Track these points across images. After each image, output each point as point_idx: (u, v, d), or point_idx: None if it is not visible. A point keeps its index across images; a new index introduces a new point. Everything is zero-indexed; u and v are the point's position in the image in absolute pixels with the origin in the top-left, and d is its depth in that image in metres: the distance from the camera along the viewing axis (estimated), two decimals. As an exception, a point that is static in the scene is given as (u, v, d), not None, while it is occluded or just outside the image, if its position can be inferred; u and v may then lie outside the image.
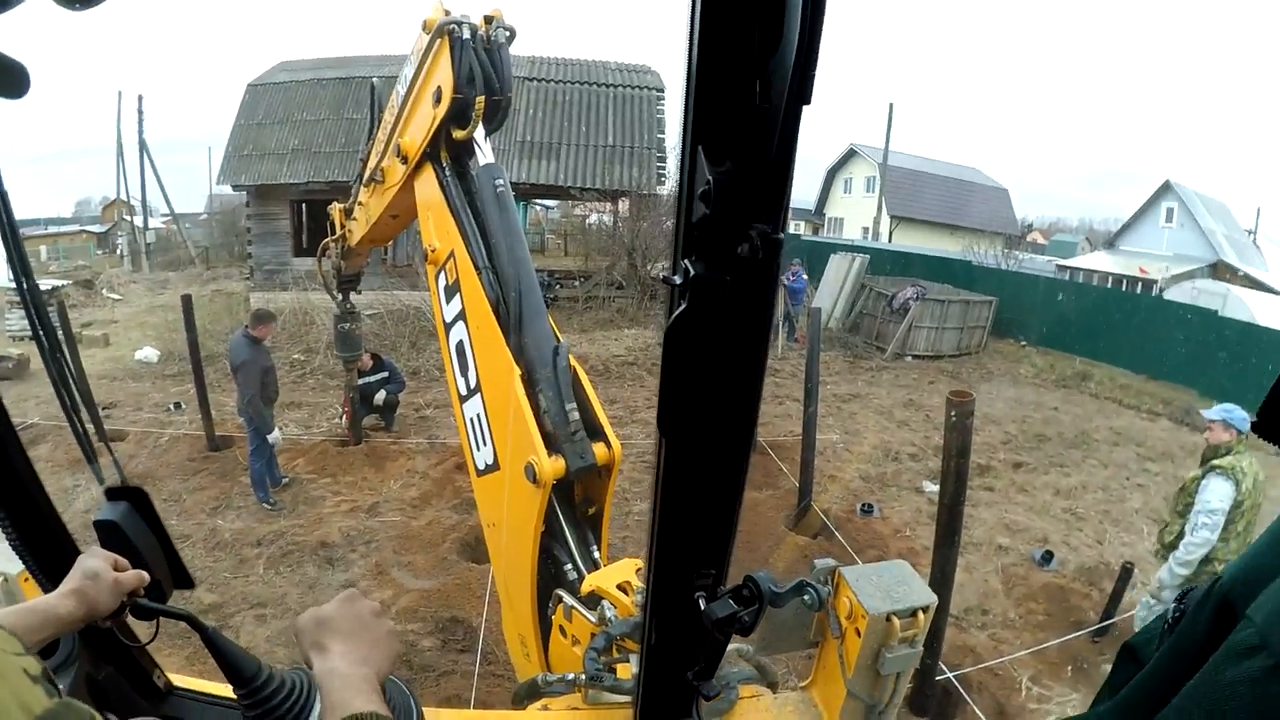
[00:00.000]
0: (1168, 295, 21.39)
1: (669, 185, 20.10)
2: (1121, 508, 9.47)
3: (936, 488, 9.00)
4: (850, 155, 45.39)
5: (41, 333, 1.39)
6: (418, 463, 9.97)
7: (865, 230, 40.71)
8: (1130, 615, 6.54)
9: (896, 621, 1.67)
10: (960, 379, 15.84)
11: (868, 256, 20.20)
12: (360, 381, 10.07)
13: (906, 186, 40.73)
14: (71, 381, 1.38)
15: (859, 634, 1.69)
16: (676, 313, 0.73)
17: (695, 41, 0.64)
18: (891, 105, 40.03)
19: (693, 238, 0.70)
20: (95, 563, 1.36)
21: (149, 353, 16.49)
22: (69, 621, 1.30)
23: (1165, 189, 33.33)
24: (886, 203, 39.19)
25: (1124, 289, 24.82)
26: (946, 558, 5.13)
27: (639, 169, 18.86)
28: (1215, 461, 5.39)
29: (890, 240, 38.16)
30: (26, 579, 2.17)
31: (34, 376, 14.32)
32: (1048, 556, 7.85)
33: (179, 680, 1.75)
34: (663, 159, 19.20)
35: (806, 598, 1.43)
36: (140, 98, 39.90)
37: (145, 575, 1.42)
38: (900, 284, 18.82)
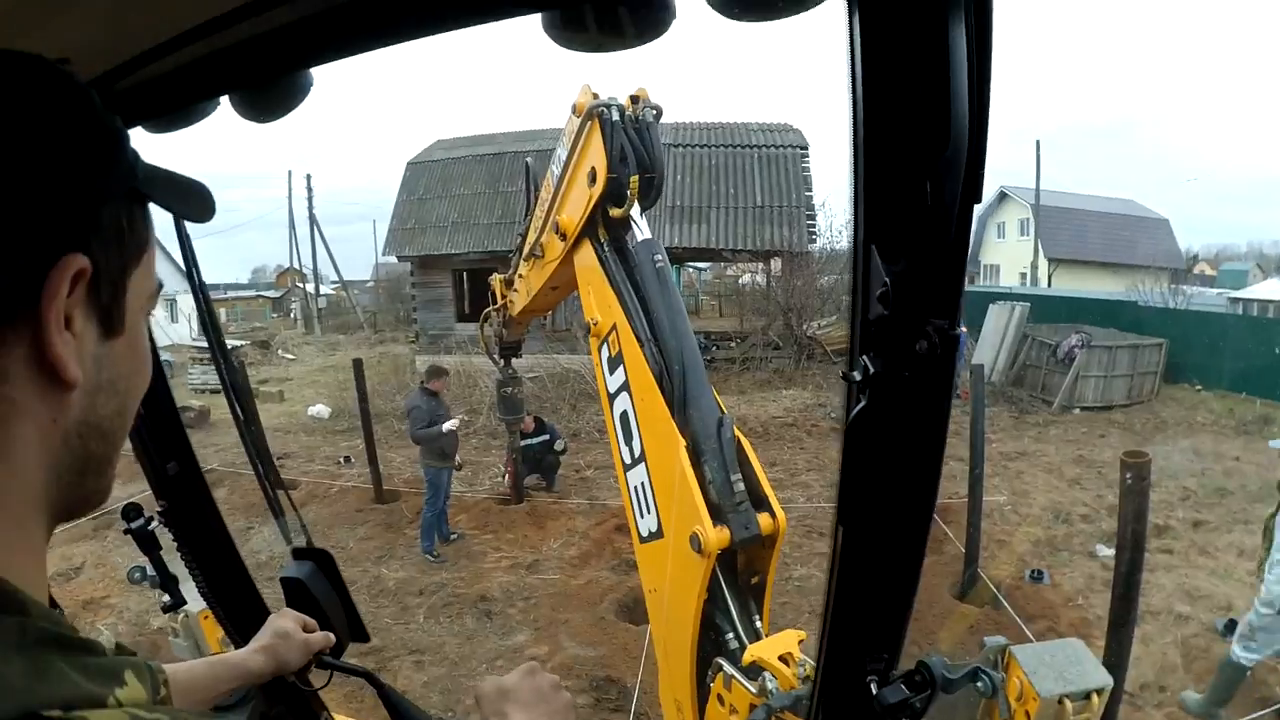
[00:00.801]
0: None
1: (819, 243, 19.99)
2: (1312, 568, 8.54)
3: (1111, 551, 8.44)
4: (1001, 198, 43.74)
5: (238, 406, 1.52)
6: (578, 523, 10.15)
7: (1023, 275, 39.10)
8: None
9: (1069, 704, 1.59)
10: (1133, 431, 14.80)
11: (1028, 305, 19.26)
12: (523, 443, 10.38)
13: (1062, 226, 38.97)
14: (258, 446, 1.51)
15: (1029, 716, 1.61)
16: (856, 409, 0.75)
17: (861, 142, 0.67)
18: (1039, 143, 38.43)
19: (870, 334, 0.72)
20: (286, 623, 1.48)
21: (321, 409, 17.58)
22: (258, 675, 1.42)
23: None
24: (1042, 245, 37.58)
25: (1304, 318, 22.59)
26: (1122, 636, 4.76)
27: (789, 228, 18.89)
28: None
29: (1050, 284, 36.42)
30: (206, 616, 2.35)
31: (213, 426, 15.57)
32: (1231, 625, 7.10)
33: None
34: (812, 217, 19.18)
35: (980, 684, 1.38)
36: (309, 176, 43.17)
37: (331, 637, 1.52)
38: (1064, 331, 17.87)
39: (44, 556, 0.63)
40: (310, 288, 43.49)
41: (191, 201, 0.77)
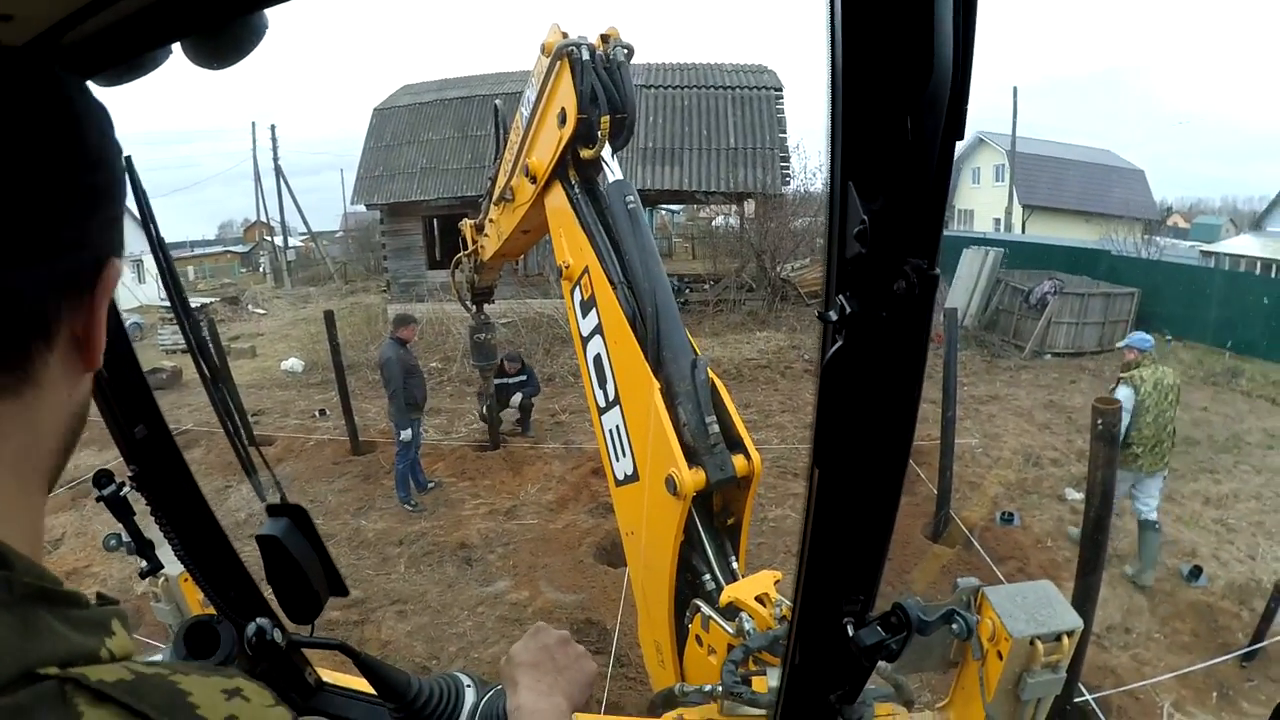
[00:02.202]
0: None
1: (793, 185, 19.92)
2: (1276, 519, 8.76)
3: (1080, 495, 8.66)
4: (977, 144, 43.65)
5: (203, 362, 1.49)
6: (554, 468, 10.22)
7: (997, 222, 39.24)
8: None
9: (1040, 645, 1.61)
10: (1103, 377, 14.98)
11: (1002, 250, 19.33)
12: (497, 381, 10.34)
13: (1037, 173, 39.08)
14: (231, 403, 1.48)
15: (1000, 657, 1.64)
16: (833, 350, 0.73)
17: (840, 74, 0.64)
18: (1016, 89, 38.21)
19: (846, 274, 0.70)
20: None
21: (294, 363, 17.45)
22: None
23: (1316, 160, 30.86)
24: (1017, 192, 37.71)
25: (1274, 274, 22.95)
26: (1090, 582, 4.87)
27: (762, 170, 18.74)
28: (1122, 374, 7.69)
29: (1023, 231, 36.62)
30: (186, 579, 2.34)
31: (185, 387, 15.45)
32: (1196, 572, 7.35)
33: (328, 676, 1.86)
34: (785, 159, 19.04)
35: (955, 626, 1.39)
36: (273, 126, 42.32)
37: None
38: (1037, 278, 17.98)
39: (42, 521, 0.65)
40: (279, 241, 42.76)
41: None
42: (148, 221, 1.29)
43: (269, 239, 44.55)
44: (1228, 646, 6.31)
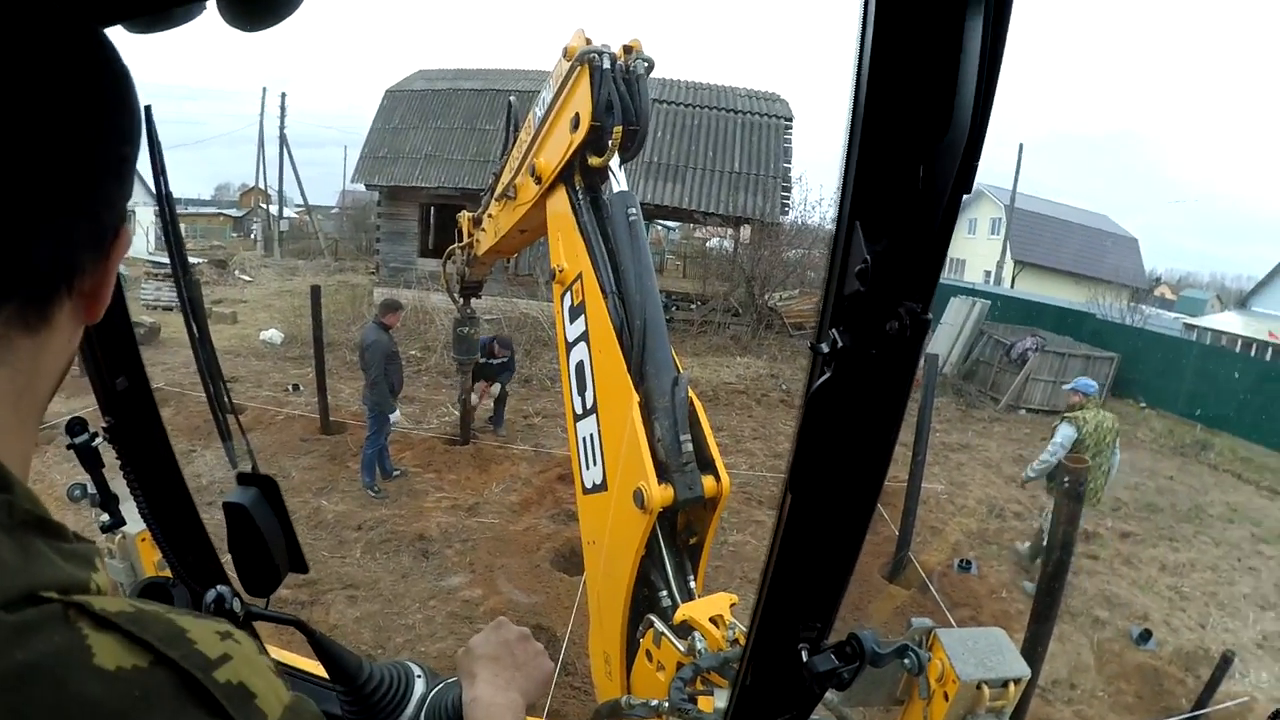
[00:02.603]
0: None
1: (792, 215, 20.06)
2: (1229, 591, 8.94)
3: (1024, 547, 8.78)
4: (978, 196, 44.02)
5: (194, 324, 1.48)
6: (521, 469, 10.18)
7: (988, 274, 39.61)
8: (1224, 707, 6.31)
9: (987, 690, 1.65)
10: (1074, 437, 15.19)
11: (989, 302, 19.53)
12: (483, 360, 10.26)
13: (1033, 231, 39.49)
14: (214, 369, 1.48)
15: (947, 698, 1.67)
16: (820, 380, 0.75)
17: (860, 116, 0.66)
18: (1021, 146, 38.65)
19: (843, 308, 0.72)
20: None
21: (274, 334, 17.31)
22: None
23: (1303, 246, 31.37)
24: (1011, 246, 38.05)
25: (1253, 354, 23.28)
26: (1041, 631, 4.92)
27: (763, 197, 18.85)
28: (1065, 415, 8.35)
29: (1013, 285, 36.94)
30: (144, 539, 2.32)
31: (164, 344, 15.29)
32: (1145, 635, 7.45)
33: (275, 654, 1.85)
34: (787, 188, 19.17)
35: (907, 661, 1.42)
36: (284, 94, 41.95)
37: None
38: (1020, 333, 18.16)
39: (32, 449, 0.68)
40: (274, 209, 42.50)
41: None
42: (158, 175, 1.29)
43: (264, 206, 44.19)
44: (1170, 711, 6.41)
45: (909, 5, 0.63)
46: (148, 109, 1.14)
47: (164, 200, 1.32)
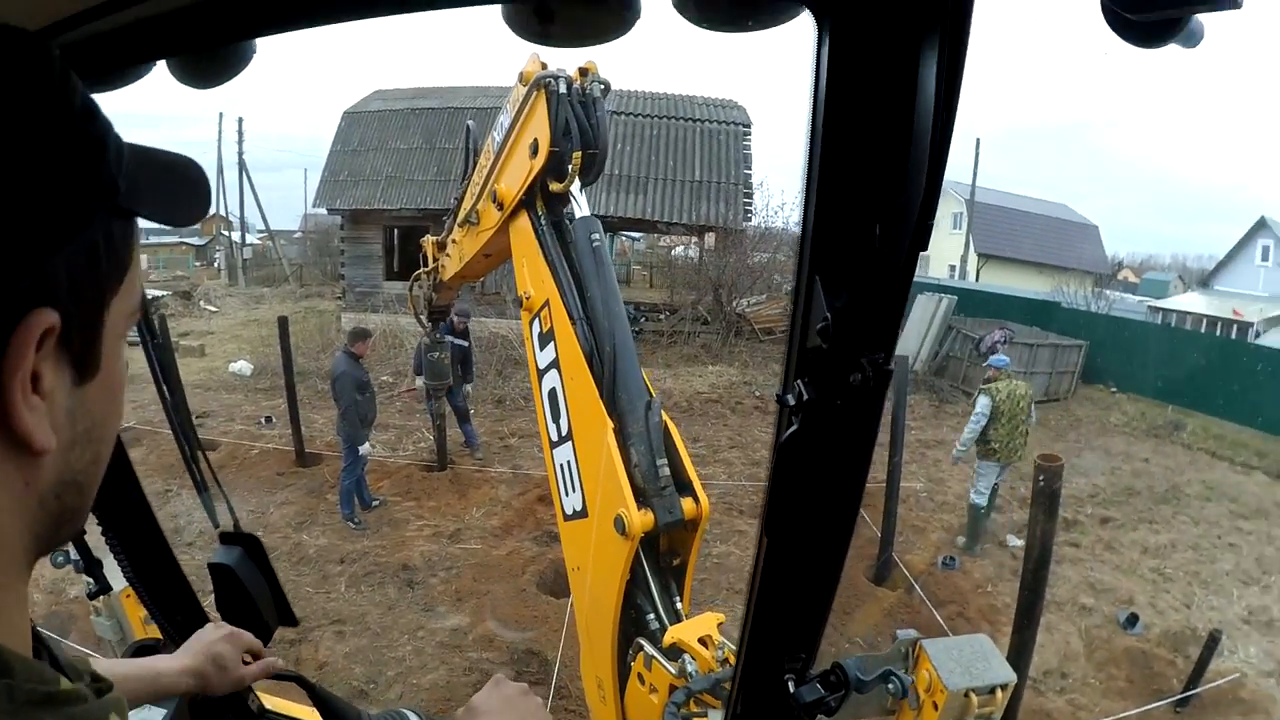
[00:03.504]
0: (1264, 340, 20.45)
1: (754, 221, 20.13)
2: (1211, 569, 9.08)
3: (1020, 542, 8.83)
4: (936, 191, 44.45)
5: (159, 371, 1.47)
6: (501, 492, 10.12)
7: (952, 269, 39.92)
8: (1215, 685, 6.39)
9: (974, 698, 1.66)
10: (1048, 427, 15.32)
11: (955, 298, 19.66)
12: (448, 337, 9.85)
13: (994, 223, 39.94)
14: (189, 430, 1.47)
15: (936, 708, 1.69)
16: (789, 432, 0.76)
17: (816, 174, 0.67)
18: (979, 140, 39.11)
19: (806, 361, 0.73)
20: (225, 648, 1.42)
21: (243, 366, 17.07)
22: (179, 693, 1.37)
23: (1261, 225, 32.09)
24: (974, 240, 38.43)
25: (1218, 332, 23.77)
26: (1026, 635, 4.97)
27: (725, 204, 18.92)
28: (982, 386, 9.21)
29: (978, 279, 37.33)
30: (129, 595, 2.29)
31: (131, 381, 14.92)
32: (1133, 619, 7.54)
33: (269, 702, 1.83)
34: (749, 194, 19.25)
35: (891, 686, 1.44)
36: (240, 120, 41.59)
37: (273, 664, 1.50)
38: (988, 326, 18.32)
39: (27, 609, 0.59)
40: (236, 237, 42.08)
41: (180, 200, 0.69)
42: None
43: (226, 234, 43.75)
44: (1162, 693, 6.48)
45: (860, 56, 0.64)
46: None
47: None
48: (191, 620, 1.68)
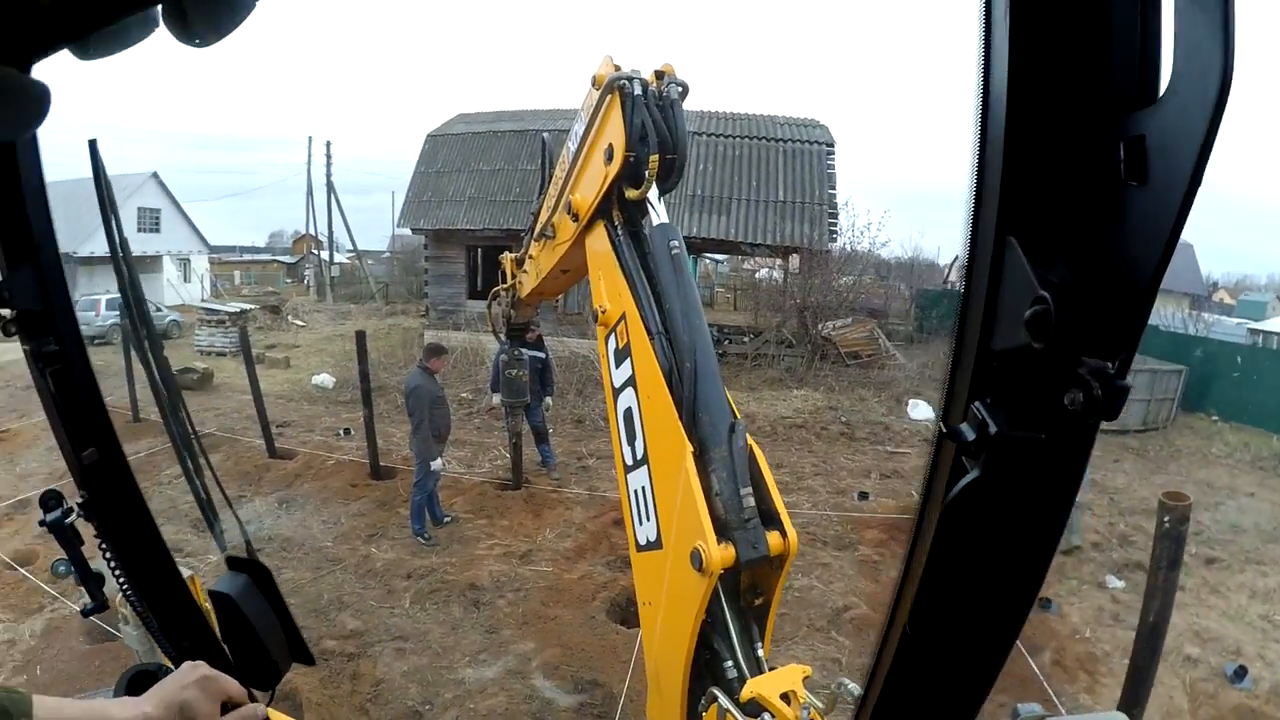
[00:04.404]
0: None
1: (840, 241, 19.87)
2: (1328, 616, 8.27)
3: (1121, 584, 8.24)
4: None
5: (161, 385, 1.30)
6: (575, 513, 9.94)
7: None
8: None
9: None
10: (1147, 458, 14.52)
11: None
12: (530, 353, 9.61)
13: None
14: (201, 460, 1.29)
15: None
16: (963, 482, 0.48)
17: (1005, 70, 0.42)
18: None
19: (992, 372, 0.46)
20: (195, 695, 1.24)
21: (325, 378, 17.51)
22: None
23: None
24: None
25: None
26: (1141, 690, 4.52)
27: (810, 225, 18.62)
28: None
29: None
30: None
31: (216, 390, 15.57)
32: (1241, 672, 6.91)
33: None
34: (834, 215, 18.93)
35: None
36: (329, 143, 43.15)
37: (253, 716, 1.31)
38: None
39: None
40: (325, 255, 43.60)
41: None
42: (106, 209, 1.12)
43: (316, 252, 45.40)
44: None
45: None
46: (92, 143, 1.04)
47: (112, 234, 1.14)
48: (201, 648, 1.50)
